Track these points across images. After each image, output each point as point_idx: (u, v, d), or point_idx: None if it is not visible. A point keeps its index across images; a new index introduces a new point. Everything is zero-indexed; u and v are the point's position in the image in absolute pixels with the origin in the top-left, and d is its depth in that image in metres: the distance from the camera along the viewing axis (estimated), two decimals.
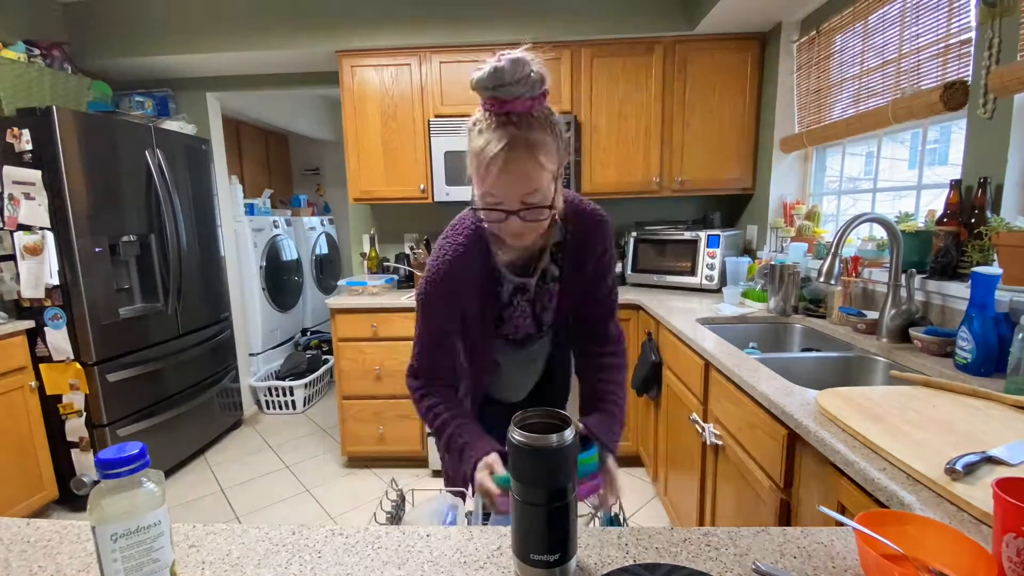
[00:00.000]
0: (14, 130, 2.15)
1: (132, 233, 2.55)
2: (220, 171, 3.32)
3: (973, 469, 0.74)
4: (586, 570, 0.61)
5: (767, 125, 2.64)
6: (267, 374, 3.75)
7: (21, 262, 2.22)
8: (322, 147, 5.30)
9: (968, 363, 1.22)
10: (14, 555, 0.65)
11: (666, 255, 2.71)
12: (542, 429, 0.60)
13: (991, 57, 1.40)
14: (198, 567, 0.62)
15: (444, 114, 2.72)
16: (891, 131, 1.99)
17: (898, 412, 0.97)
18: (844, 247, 1.54)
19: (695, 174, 2.74)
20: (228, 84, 3.19)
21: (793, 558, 0.61)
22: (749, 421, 1.31)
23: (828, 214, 2.41)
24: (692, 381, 1.76)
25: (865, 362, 1.52)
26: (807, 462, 1.05)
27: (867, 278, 1.83)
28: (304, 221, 4.54)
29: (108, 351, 2.39)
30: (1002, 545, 0.53)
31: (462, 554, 0.64)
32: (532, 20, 2.62)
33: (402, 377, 2.94)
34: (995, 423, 0.91)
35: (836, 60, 2.21)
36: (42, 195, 2.18)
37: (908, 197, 1.95)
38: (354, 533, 0.68)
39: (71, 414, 2.34)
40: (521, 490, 0.59)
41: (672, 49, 2.64)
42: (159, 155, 2.65)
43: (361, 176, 2.81)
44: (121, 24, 2.79)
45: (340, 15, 2.67)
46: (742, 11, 2.36)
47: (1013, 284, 1.26)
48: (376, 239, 3.14)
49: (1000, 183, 1.41)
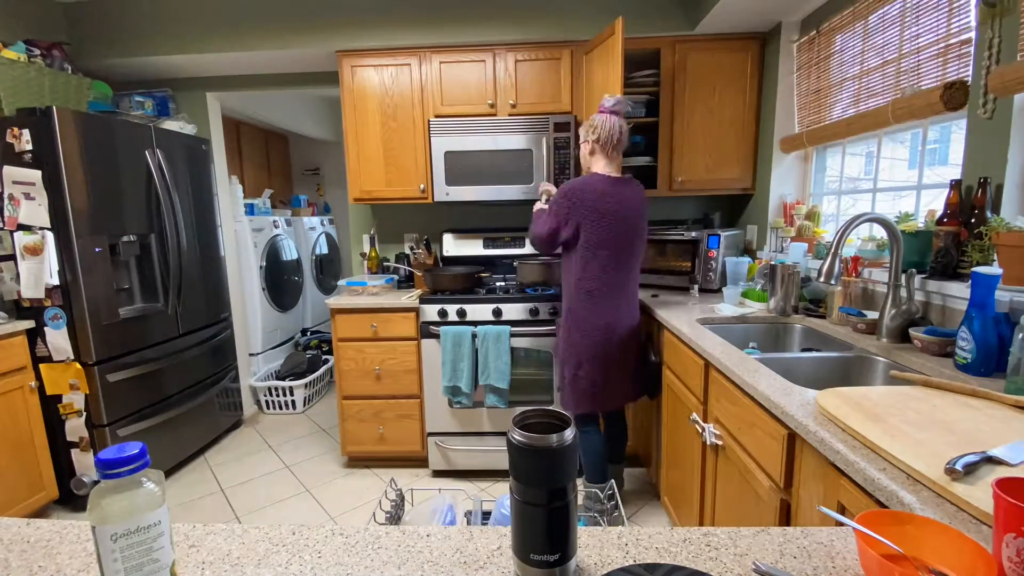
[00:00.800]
0: (14, 130, 2.15)
1: (132, 233, 2.55)
2: (220, 171, 3.32)
3: (973, 469, 0.74)
4: (586, 570, 0.61)
5: (767, 125, 2.64)
6: (267, 374, 3.75)
7: (21, 262, 2.22)
8: (322, 147, 5.30)
9: (968, 363, 1.22)
10: (14, 555, 0.65)
11: (666, 255, 2.71)
12: (542, 429, 0.60)
13: (991, 57, 1.40)
14: (198, 567, 0.62)
15: (444, 114, 2.72)
16: (891, 131, 1.99)
17: (898, 412, 0.97)
18: (844, 247, 1.54)
19: (695, 174, 2.75)
20: (228, 84, 3.19)
21: (793, 558, 0.61)
22: (749, 421, 1.31)
23: (828, 214, 2.41)
24: (692, 381, 1.76)
25: (865, 362, 1.52)
26: (807, 462, 1.05)
27: (867, 278, 1.83)
28: (304, 221, 4.54)
29: (108, 351, 2.39)
30: (1002, 545, 0.53)
31: (462, 554, 0.64)
32: (532, 20, 2.62)
33: (401, 377, 2.95)
34: (995, 423, 0.91)
35: (836, 60, 2.21)
36: (42, 195, 2.18)
37: (908, 197, 1.95)
38: (354, 533, 0.68)
39: (71, 414, 2.34)
40: (521, 490, 0.59)
41: (672, 49, 2.64)
42: (159, 155, 2.65)
43: (361, 176, 2.81)
44: (121, 24, 2.79)
45: (340, 15, 2.67)
46: (742, 11, 2.36)
47: (1013, 284, 1.26)
48: (376, 239, 3.15)
49: (1000, 183, 1.41)
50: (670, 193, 2.77)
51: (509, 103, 2.70)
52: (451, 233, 3.08)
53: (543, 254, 2.42)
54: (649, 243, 2.79)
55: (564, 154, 2.63)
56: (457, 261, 3.07)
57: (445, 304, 2.53)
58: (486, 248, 3.04)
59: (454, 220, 3.22)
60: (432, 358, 2.56)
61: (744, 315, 2.04)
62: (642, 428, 2.56)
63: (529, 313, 2.51)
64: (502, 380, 2.46)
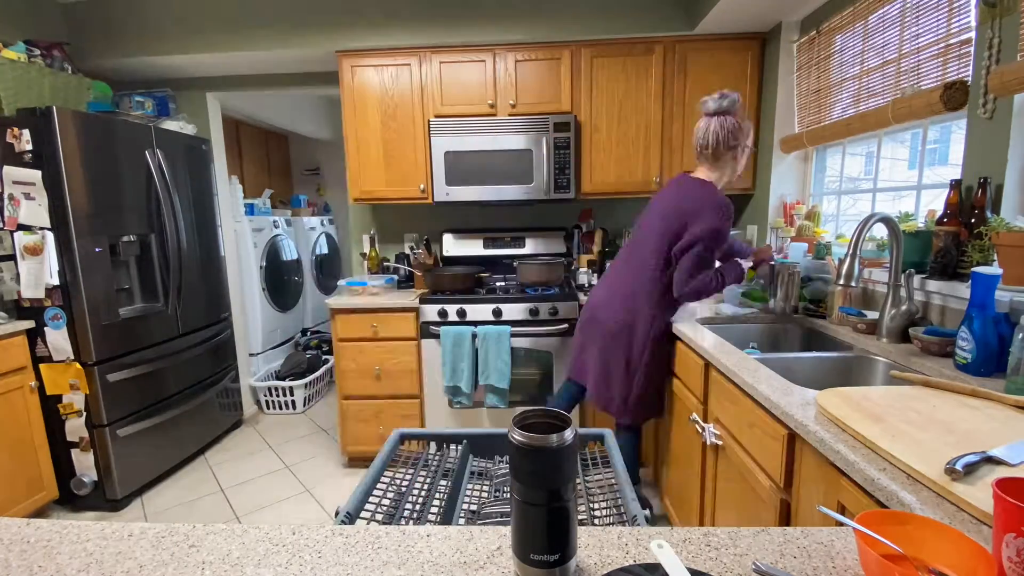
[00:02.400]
0: (14, 130, 2.15)
1: (132, 233, 2.55)
2: (220, 171, 3.32)
3: (973, 469, 0.74)
4: (586, 570, 0.61)
5: (767, 125, 2.64)
6: (267, 374, 3.75)
7: (21, 262, 2.22)
8: (322, 147, 5.30)
9: (968, 363, 1.22)
10: (14, 555, 0.65)
11: None
12: (542, 429, 0.60)
13: (991, 57, 1.40)
14: (198, 567, 0.62)
15: (444, 114, 2.72)
16: (891, 131, 1.99)
17: (898, 412, 0.96)
18: (842, 246, 1.54)
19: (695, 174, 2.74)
20: (228, 84, 3.19)
21: (793, 558, 0.61)
22: (749, 421, 1.31)
23: (828, 214, 2.41)
24: (692, 381, 1.76)
25: (865, 362, 1.52)
26: (807, 462, 1.05)
27: (867, 278, 1.83)
28: (304, 221, 4.54)
29: (108, 351, 2.39)
30: (1002, 545, 0.53)
31: (462, 554, 0.64)
32: (532, 20, 2.62)
33: (401, 377, 2.95)
34: (995, 423, 0.91)
35: (836, 60, 2.21)
36: (42, 195, 2.18)
37: (908, 197, 1.95)
38: (354, 533, 0.68)
39: (71, 414, 2.34)
40: (521, 490, 0.59)
41: (672, 49, 2.64)
42: (159, 155, 2.65)
43: (361, 176, 2.81)
44: (121, 24, 2.79)
45: (340, 15, 2.67)
46: (742, 11, 2.36)
47: (1013, 284, 1.26)
48: (376, 239, 3.15)
49: (1000, 183, 1.41)
50: None
51: (509, 103, 2.70)
52: (451, 233, 3.08)
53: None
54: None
55: (564, 154, 2.63)
56: (457, 261, 3.07)
57: (445, 304, 2.53)
58: (486, 248, 3.04)
59: (454, 220, 3.22)
60: (432, 358, 2.56)
61: (744, 315, 2.04)
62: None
63: (529, 313, 2.51)
64: (502, 380, 2.46)
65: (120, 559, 0.64)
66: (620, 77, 2.67)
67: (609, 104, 2.70)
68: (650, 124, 2.71)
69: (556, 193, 2.67)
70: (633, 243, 2.02)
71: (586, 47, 2.64)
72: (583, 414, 2.63)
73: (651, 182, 2.75)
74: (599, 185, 2.76)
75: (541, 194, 2.67)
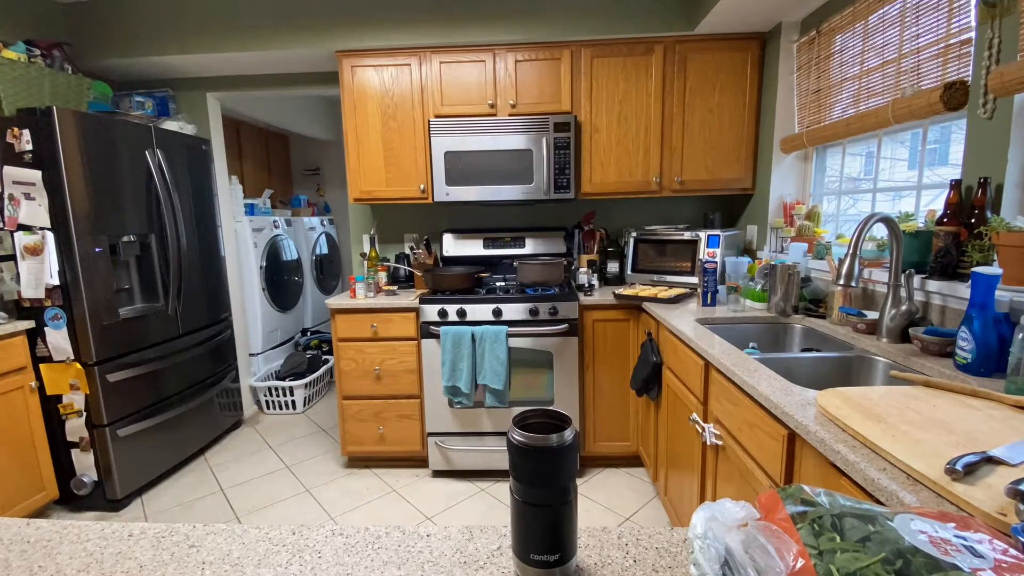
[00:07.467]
0: (14, 130, 2.15)
1: (132, 233, 2.55)
2: (220, 171, 3.32)
3: (973, 469, 0.74)
4: (586, 570, 0.61)
5: (767, 125, 2.64)
6: (267, 374, 3.75)
7: (21, 262, 2.22)
8: (322, 147, 5.30)
9: (968, 363, 1.22)
10: (14, 555, 0.65)
11: (666, 255, 2.71)
12: (542, 429, 0.60)
13: (991, 57, 1.40)
14: (198, 567, 0.62)
15: (444, 114, 2.72)
16: (891, 131, 1.99)
17: (898, 412, 0.97)
18: (842, 246, 1.54)
19: (695, 174, 2.75)
20: (228, 84, 3.19)
21: None
22: (749, 421, 1.31)
23: (828, 214, 2.41)
24: (692, 381, 1.76)
25: (865, 362, 1.52)
26: (807, 462, 1.05)
27: (867, 278, 1.83)
28: (304, 221, 4.54)
29: (108, 351, 2.39)
30: None
31: (462, 554, 0.64)
32: (532, 20, 2.62)
33: (401, 377, 2.95)
34: (995, 423, 0.91)
35: (836, 60, 2.21)
36: (42, 195, 2.18)
37: (908, 197, 1.95)
38: (354, 533, 0.68)
39: (71, 414, 2.34)
40: (521, 490, 0.59)
41: (672, 49, 2.64)
42: (159, 155, 2.65)
43: (361, 176, 2.81)
44: (121, 24, 2.79)
45: (340, 15, 2.67)
46: (742, 11, 2.36)
47: (1013, 284, 1.26)
48: (376, 239, 3.14)
49: (1000, 183, 1.41)
50: (670, 193, 2.78)
51: (509, 103, 2.70)
52: (451, 233, 3.08)
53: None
54: (649, 243, 2.79)
55: (564, 154, 2.63)
56: (457, 261, 3.07)
57: (445, 304, 2.53)
58: (486, 248, 3.04)
59: (454, 220, 3.22)
60: (432, 358, 2.56)
61: (744, 315, 2.04)
62: (642, 428, 2.56)
63: (529, 313, 2.51)
64: (497, 380, 2.46)
65: (120, 559, 0.64)
66: (620, 77, 2.67)
67: (609, 104, 2.70)
68: (650, 124, 2.71)
69: (556, 193, 2.67)
70: None
71: (586, 47, 2.64)
72: (583, 421, 2.63)
73: (651, 182, 2.75)
74: (599, 185, 2.76)
75: (541, 194, 2.67)
